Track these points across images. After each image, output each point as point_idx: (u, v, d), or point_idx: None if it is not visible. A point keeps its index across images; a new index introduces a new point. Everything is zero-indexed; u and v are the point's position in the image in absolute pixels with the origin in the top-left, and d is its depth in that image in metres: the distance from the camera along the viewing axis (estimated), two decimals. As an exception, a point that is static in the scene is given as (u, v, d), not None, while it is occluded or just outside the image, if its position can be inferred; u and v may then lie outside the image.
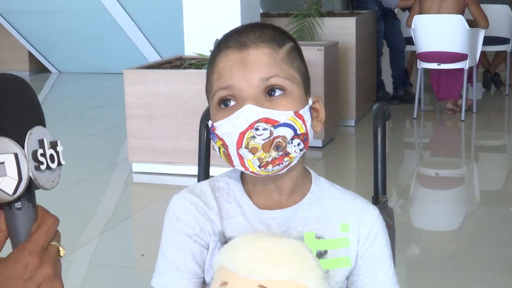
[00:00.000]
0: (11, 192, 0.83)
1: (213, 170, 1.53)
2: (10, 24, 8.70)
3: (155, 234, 1.13)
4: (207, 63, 1.25)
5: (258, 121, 1.12)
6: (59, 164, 0.88)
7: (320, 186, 1.27)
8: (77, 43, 8.67)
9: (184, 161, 4.59)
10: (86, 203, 4.31)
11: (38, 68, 9.21)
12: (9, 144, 0.81)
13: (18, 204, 0.86)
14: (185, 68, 4.78)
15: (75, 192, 4.43)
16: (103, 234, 3.78)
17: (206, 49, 1.19)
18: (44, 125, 0.87)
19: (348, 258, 1.23)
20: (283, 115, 1.14)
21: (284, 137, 1.14)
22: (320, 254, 1.21)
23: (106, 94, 7.87)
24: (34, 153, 0.84)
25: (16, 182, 0.83)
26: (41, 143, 0.85)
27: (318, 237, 1.22)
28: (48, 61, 9.14)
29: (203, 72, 1.16)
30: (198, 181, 1.52)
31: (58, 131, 6.03)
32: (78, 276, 3.22)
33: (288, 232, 1.21)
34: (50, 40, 8.74)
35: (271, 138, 1.13)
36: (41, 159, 0.84)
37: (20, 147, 0.82)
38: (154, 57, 8.18)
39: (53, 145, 0.87)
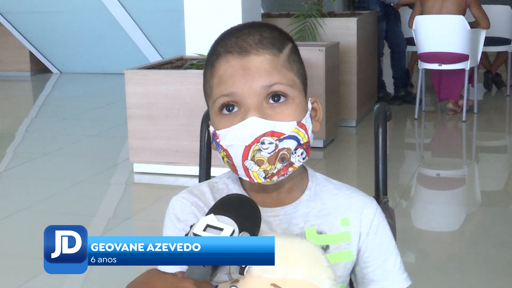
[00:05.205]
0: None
1: (214, 171, 1.53)
2: (11, 24, 8.70)
3: (156, 235, 1.13)
4: (205, 63, 1.25)
5: (263, 135, 1.14)
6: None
7: (317, 182, 1.28)
8: (78, 43, 8.67)
9: (185, 161, 4.59)
10: (87, 203, 4.31)
11: (39, 69, 9.20)
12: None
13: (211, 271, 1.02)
14: (186, 68, 4.78)
15: (76, 192, 4.43)
16: (104, 235, 3.78)
17: (207, 50, 1.18)
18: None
19: (350, 251, 1.24)
20: (287, 126, 1.16)
21: (288, 149, 1.16)
22: (322, 249, 1.21)
23: (107, 94, 7.87)
24: None
25: None
26: None
27: (319, 233, 1.23)
28: (49, 61, 9.13)
29: (204, 72, 1.16)
30: (199, 181, 1.52)
31: (59, 131, 6.07)
32: (80, 275, 3.22)
33: (290, 229, 1.22)
34: (51, 41, 8.74)
35: (276, 151, 1.15)
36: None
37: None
38: (155, 58, 8.19)
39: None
